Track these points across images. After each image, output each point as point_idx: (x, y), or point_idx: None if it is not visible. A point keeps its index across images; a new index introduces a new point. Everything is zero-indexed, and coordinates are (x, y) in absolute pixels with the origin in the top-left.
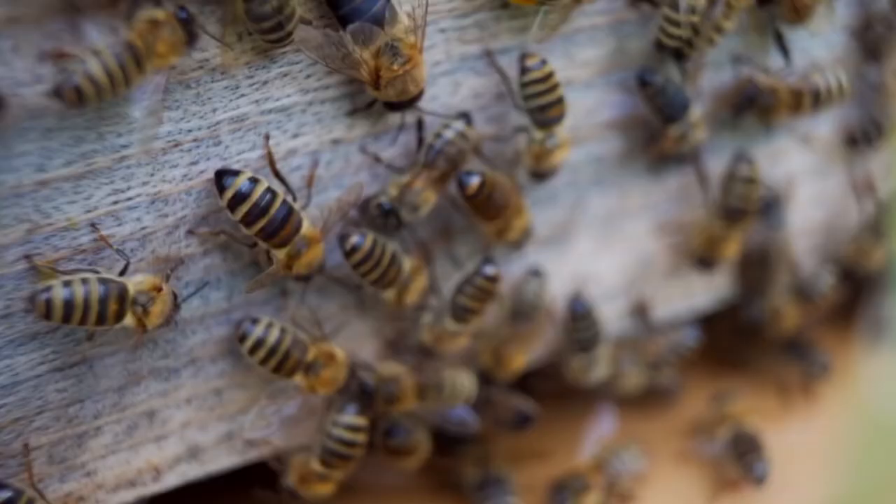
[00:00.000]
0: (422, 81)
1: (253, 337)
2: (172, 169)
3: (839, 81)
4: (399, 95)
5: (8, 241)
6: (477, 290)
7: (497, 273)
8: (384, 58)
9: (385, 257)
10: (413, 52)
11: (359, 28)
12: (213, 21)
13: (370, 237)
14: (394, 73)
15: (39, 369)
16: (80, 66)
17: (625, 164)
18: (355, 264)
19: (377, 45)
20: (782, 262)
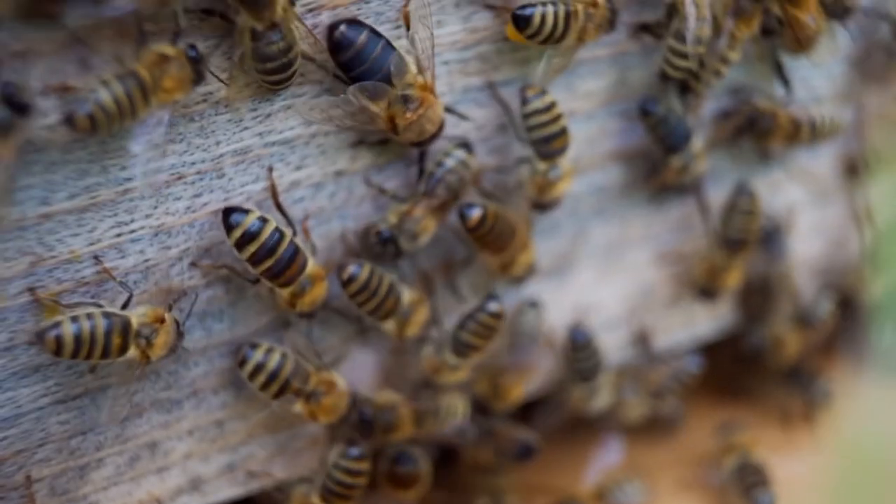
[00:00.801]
0: (438, 118)
1: (253, 361)
2: (176, 201)
3: (835, 117)
4: (418, 136)
5: (11, 274)
6: (480, 326)
7: (501, 310)
8: (397, 107)
9: (382, 287)
10: (425, 94)
11: (364, 86)
12: (219, 54)
13: (367, 267)
14: (408, 120)
15: (42, 401)
16: (91, 96)
17: (626, 195)
18: (352, 294)
19: (388, 98)
20: (783, 291)
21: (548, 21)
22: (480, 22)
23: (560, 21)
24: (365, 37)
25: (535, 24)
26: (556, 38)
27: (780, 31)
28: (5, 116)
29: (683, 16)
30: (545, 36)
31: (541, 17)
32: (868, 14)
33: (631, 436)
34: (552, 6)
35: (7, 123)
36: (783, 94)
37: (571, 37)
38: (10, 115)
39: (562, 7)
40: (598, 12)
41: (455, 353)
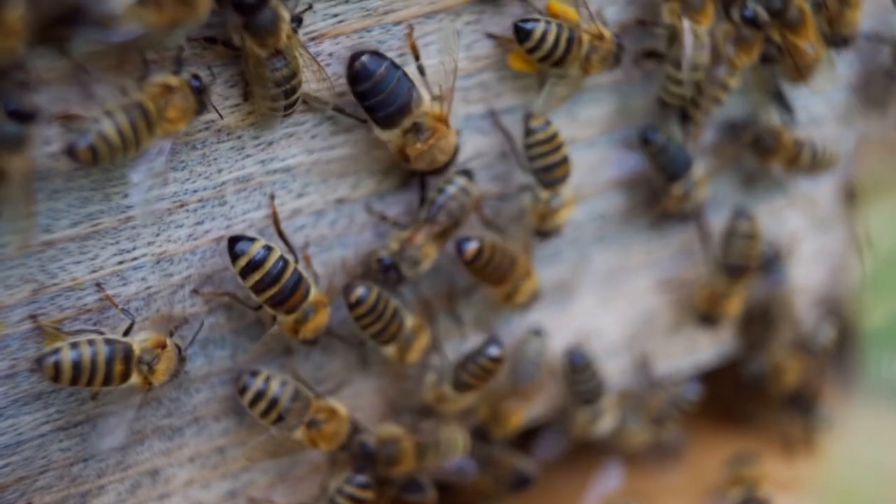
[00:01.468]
0: (451, 148)
1: (253, 389)
2: (178, 229)
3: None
4: (429, 166)
5: (13, 302)
6: (479, 368)
7: (502, 355)
8: (409, 136)
9: (388, 311)
10: (437, 125)
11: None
12: (221, 81)
13: (374, 290)
14: (418, 150)
15: (43, 429)
16: (94, 126)
17: (627, 222)
18: (358, 316)
19: (401, 128)
20: (784, 318)
21: (548, 38)
22: (482, 50)
23: (561, 42)
24: (385, 68)
25: (535, 37)
26: (555, 58)
27: (779, 59)
28: (15, 130)
29: (681, 43)
30: (544, 53)
31: (542, 32)
32: (868, 39)
33: (632, 462)
34: (556, 27)
35: (18, 136)
36: (786, 120)
37: (573, 64)
38: (18, 127)
39: (566, 30)
40: (603, 45)
41: (455, 388)
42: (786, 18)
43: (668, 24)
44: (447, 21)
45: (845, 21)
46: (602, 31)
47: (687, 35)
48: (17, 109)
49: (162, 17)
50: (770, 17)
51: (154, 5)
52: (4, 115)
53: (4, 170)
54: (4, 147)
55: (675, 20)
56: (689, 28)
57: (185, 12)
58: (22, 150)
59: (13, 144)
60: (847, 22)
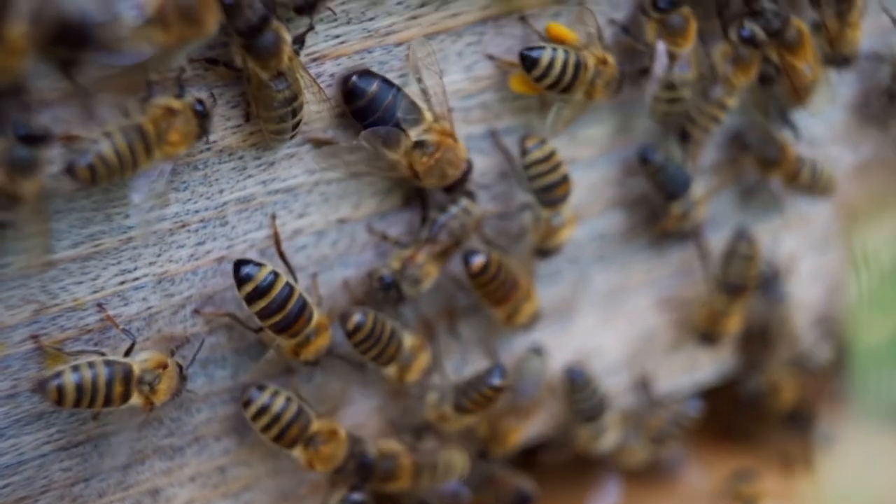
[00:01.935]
0: (461, 161)
1: (258, 403)
2: (179, 249)
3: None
4: (441, 181)
5: (15, 322)
6: (481, 396)
7: (504, 385)
8: (415, 153)
9: (385, 334)
10: (442, 138)
11: (376, 131)
12: (223, 102)
13: (371, 315)
14: (425, 164)
15: (44, 448)
16: (93, 147)
17: (627, 241)
18: (357, 343)
19: (403, 145)
20: (782, 337)
21: (556, 65)
22: (483, 71)
23: (569, 69)
24: (377, 86)
25: (542, 65)
26: (563, 85)
27: (777, 79)
28: (26, 154)
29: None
30: (552, 80)
31: (549, 59)
32: (868, 58)
33: (631, 479)
34: (563, 53)
35: (30, 160)
36: (791, 136)
37: (579, 89)
38: (29, 151)
39: (572, 56)
40: (607, 70)
41: (456, 410)
42: (784, 39)
43: (649, 43)
44: (448, 42)
45: (846, 41)
46: (606, 57)
47: (659, 55)
48: (28, 133)
49: (170, 36)
50: (768, 37)
51: (161, 25)
52: (15, 139)
53: (18, 194)
54: (17, 171)
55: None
56: (663, 49)
57: (193, 30)
58: (34, 174)
59: (25, 168)
60: (848, 42)
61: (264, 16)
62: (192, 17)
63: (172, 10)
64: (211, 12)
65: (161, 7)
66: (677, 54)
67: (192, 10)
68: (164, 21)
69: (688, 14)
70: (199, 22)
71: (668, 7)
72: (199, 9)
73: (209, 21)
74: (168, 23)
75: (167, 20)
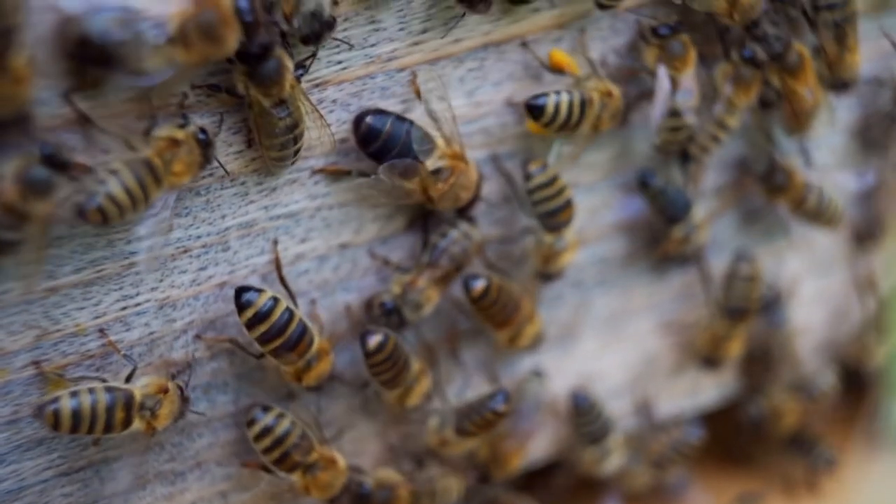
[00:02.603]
0: (472, 184)
1: (261, 423)
2: (181, 275)
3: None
4: (454, 204)
5: (17, 348)
6: (483, 420)
7: (507, 409)
8: (429, 179)
9: (402, 358)
10: (455, 163)
11: (394, 165)
12: (225, 128)
13: (392, 339)
14: (440, 190)
15: (46, 474)
16: (101, 187)
17: (629, 265)
18: (374, 364)
19: (420, 175)
20: (785, 360)
21: (562, 110)
22: (484, 96)
23: (575, 109)
24: (390, 125)
25: (548, 112)
26: (571, 125)
27: (778, 104)
28: (45, 175)
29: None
30: (560, 124)
31: (554, 105)
32: (868, 83)
33: (633, 502)
34: (567, 94)
35: (46, 182)
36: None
37: (587, 124)
38: (50, 174)
39: (577, 95)
40: (612, 102)
41: (457, 433)
42: (786, 63)
43: (650, 69)
44: (450, 68)
45: (845, 65)
46: (610, 88)
47: (661, 80)
48: (52, 155)
49: (191, 55)
50: (770, 60)
51: (182, 44)
52: (38, 158)
53: (28, 213)
54: (32, 191)
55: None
56: (664, 73)
57: (214, 49)
58: (48, 196)
59: (41, 189)
60: (847, 66)
61: (267, 44)
62: (213, 36)
63: (193, 29)
64: (231, 30)
65: (182, 26)
66: (678, 79)
67: (213, 28)
68: (185, 40)
69: (687, 40)
70: (221, 40)
71: (668, 33)
72: (220, 27)
73: (230, 39)
74: (189, 42)
75: (188, 39)
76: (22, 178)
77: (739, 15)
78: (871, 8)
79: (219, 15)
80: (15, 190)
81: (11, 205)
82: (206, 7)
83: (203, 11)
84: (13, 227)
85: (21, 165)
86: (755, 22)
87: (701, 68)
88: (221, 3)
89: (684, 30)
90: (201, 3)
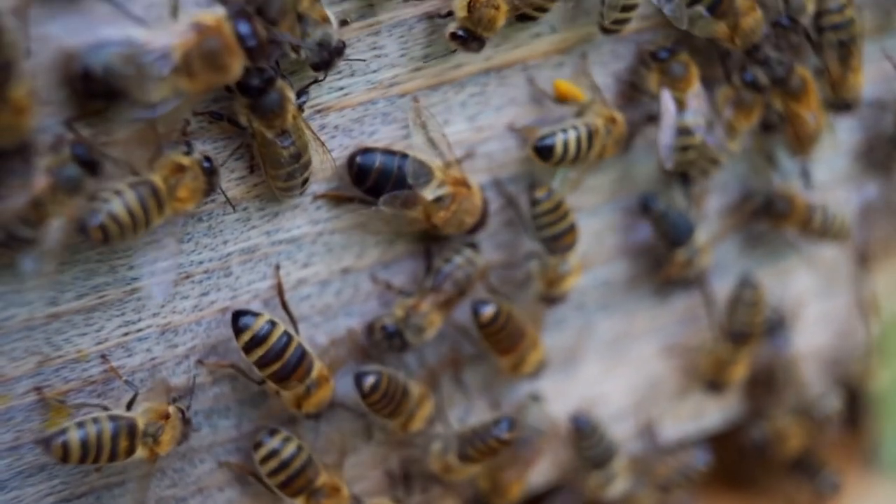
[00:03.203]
0: (477, 209)
1: (268, 446)
2: (183, 300)
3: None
4: (459, 229)
5: (19, 374)
6: (486, 446)
7: (511, 437)
8: (432, 206)
9: (398, 391)
10: (457, 188)
11: (395, 196)
12: (226, 154)
13: (385, 376)
14: (442, 218)
15: (47, 500)
16: (104, 206)
17: (632, 288)
18: (371, 404)
19: (421, 203)
20: (789, 384)
21: (570, 147)
22: (486, 121)
23: (583, 143)
24: (380, 161)
25: (557, 153)
26: (581, 157)
27: (781, 127)
28: (75, 174)
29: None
30: (570, 159)
31: (563, 144)
32: (870, 105)
33: None
34: (573, 131)
35: (76, 181)
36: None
37: (593, 153)
38: (80, 172)
39: (583, 129)
40: (616, 128)
41: (460, 458)
42: (788, 86)
43: (653, 93)
44: (452, 93)
45: (848, 85)
46: (613, 115)
47: (665, 102)
48: (84, 155)
49: (196, 84)
50: (773, 84)
51: (186, 74)
52: (71, 157)
53: (50, 212)
54: (61, 188)
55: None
56: (668, 96)
57: (219, 77)
58: (74, 196)
59: (69, 188)
60: (850, 86)
61: (269, 77)
62: (217, 64)
63: (197, 58)
64: (235, 57)
65: (186, 56)
66: (683, 99)
67: (216, 56)
68: (189, 70)
69: (686, 60)
70: (225, 68)
71: (667, 57)
72: (224, 55)
73: (234, 66)
74: (193, 71)
75: (192, 69)
76: (54, 173)
77: (741, 39)
78: (874, 30)
79: (222, 43)
80: (46, 184)
81: (40, 199)
82: (209, 35)
83: (206, 40)
84: (33, 225)
85: (54, 162)
86: (756, 46)
87: (703, 92)
88: (223, 30)
89: (683, 49)
90: (203, 32)
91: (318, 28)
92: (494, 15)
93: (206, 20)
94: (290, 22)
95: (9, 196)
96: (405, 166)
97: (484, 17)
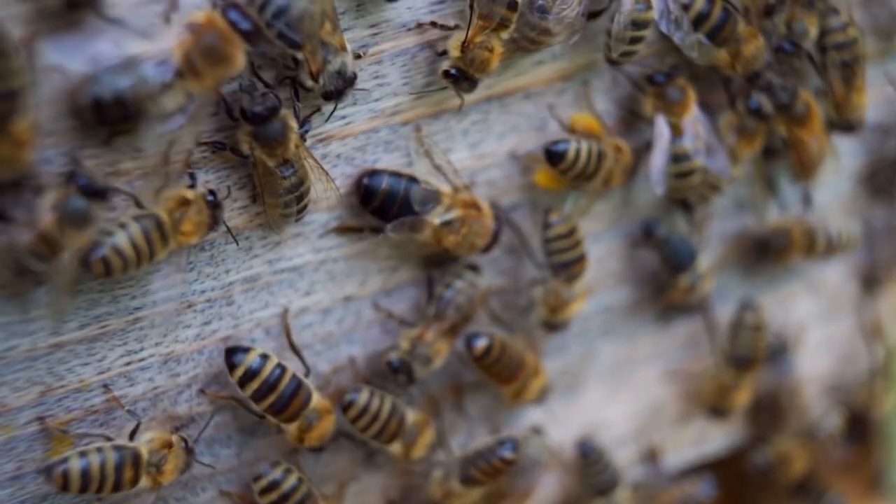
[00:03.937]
0: (487, 231)
1: (268, 478)
2: (185, 329)
3: (850, 231)
4: (470, 251)
5: (21, 404)
6: (490, 467)
7: (515, 458)
8: (442, 230)
9: (384, 410)
10: (467, 211)
11: (403, 222)
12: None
13: (365, 391)
14: (452, 242)
15: None
16: (107, 239)
17: (634, 314)
18: (352, 420)
19: (429, 228)
20: (792, 409)
21: (581, 156)
22: (487, 148)
23: (593, 159)
24: (387, 183)
25: (569, 158)
26: (587, 174)
27: (784, 153)
28: (82, 206)
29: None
30: (578, 171)
31: (575, 151)
32: (873, 129)
33: None
34: (586, 143)
35: (84, 213)
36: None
37: (599, 177)
38: (86, 204)
39: (595, 145)
40: (623, 157)
41: (462, 482)
42: (792, 112)
43: (648, 118)
44: (454, 121)
45: (852, 106)
46: (620, 144)
47: (659, 128)
48: (88, 185)
49: (203, 82)
50: (776, 110)
51: (191, 74)
52: (76, 189)
53: (61, 245)
54: (69, 222)
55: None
56: (662, 122)
57: (224, 69)
58: (84, 228)
59: (78, 221)
60: (854, 107)
61: (273, 106)
62: (219, 57)
63: (198, 56)
64: (235, 46)
65: (186, 56)
66: (679, 125)
67: (217, 49)
68: (193, 69)
69: (684, 84)
70: (227, 58)
71: (664, 81)
72: (224, 46)
73: (237, 55)
74: (198, 70)
75: (196, 68)
76: (60, 207)
77: (742, 67)
78: (876, 54)
79: (218, 35)
80: (52, 220)
81: (47, 234)
82: (204, 32)
83: (202, 36)
84: (45, 259)
85: (59, 196)
86: (757, 73)
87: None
88: (216, 23)
89: (681, 74)
90: (198, 30)
91: (337, 56)
92: (488, 57)
93: (196, 18)
94: (314, 47)
95: (16, 231)
96: (412, 189)
97: (476, 59)
